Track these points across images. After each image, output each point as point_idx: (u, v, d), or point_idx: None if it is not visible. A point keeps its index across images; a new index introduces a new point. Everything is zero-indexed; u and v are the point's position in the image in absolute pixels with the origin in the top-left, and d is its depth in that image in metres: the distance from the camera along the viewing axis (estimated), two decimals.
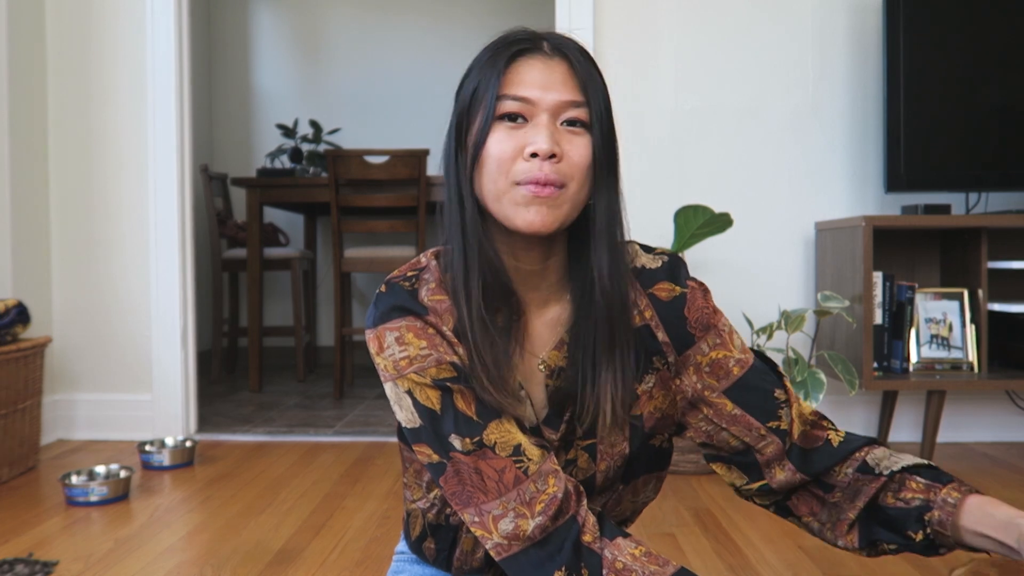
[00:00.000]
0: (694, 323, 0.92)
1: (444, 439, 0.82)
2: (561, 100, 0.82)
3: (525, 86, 0.82)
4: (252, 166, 4.67)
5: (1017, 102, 2.48)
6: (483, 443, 0.81)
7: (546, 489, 0.80)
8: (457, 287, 0.85)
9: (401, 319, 0.84)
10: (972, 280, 2.44)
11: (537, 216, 0.81)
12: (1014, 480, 2.22)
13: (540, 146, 0.80)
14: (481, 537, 0.81)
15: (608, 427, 0.89)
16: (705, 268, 2.65)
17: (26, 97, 2.64)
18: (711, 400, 0.91)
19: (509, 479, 0.79)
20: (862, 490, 0.88)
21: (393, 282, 0.87)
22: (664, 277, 0.93)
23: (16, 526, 1.88)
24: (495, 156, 0.82)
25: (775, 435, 0.90)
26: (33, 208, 2.67)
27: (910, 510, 0.86)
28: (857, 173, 2.69)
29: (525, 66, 0.83)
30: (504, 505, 0.79)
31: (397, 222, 3.43)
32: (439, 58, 4.68)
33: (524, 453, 0.81)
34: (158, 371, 2.75)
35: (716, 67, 2.69)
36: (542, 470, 0.80)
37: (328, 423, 2.96)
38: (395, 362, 0.83)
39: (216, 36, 4.80)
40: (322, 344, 4.67)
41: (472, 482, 0.80)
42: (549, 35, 0.87)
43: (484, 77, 0.84)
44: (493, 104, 0.82)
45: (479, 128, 0.83)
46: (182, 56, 2.77)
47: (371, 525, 1.87)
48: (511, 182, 0.82)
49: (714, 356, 0.91)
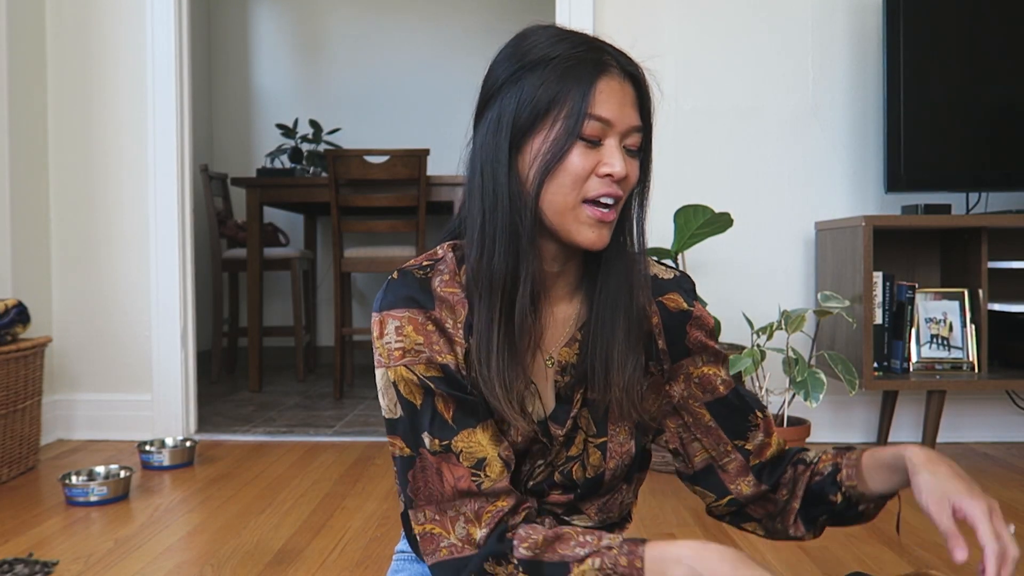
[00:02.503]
0: (693, 340, 0.97)
1: (418, 435, 0.85)
2: (630, 126, 0.85)
3: (607, 108, 0.83)
4: (252, 166, 4.67)
5: (1017, 102, 2.48)
6: (450, 448, 0.84)
7: (495, 502, 0.83)
8: (491, 287, 0.85)
9: (406, 309, 0.86)
10: (972, 280, 2.44)
11: (600, 237, 0.85)
12: (1014, 480, 2.22)
13: (617, 170, 0.83)
14: (432, 535, 0.83)
15: (618, 423, 0.93)
16: (705, 268, 2.65)
17: (26, 97, 2.64)
18: (693, 409, 0.97)
19: (463, 487, 0.83)
20: (799, 480, 0.97)
21: (406, 270, 0.88)
22: (674, 289, 0.98)
23: (16, 526, 1.88)
24: (573, 172, 0.83)
25: (739, 453, 0.97)
26: (33, 208, 2.67)
27: (826, 477, 0.94)
28: (857, 173, 2.69)
29: (607, 86, 0.83)
30: (457, 509, 0.83)
31: (397, 222, 3.43)
32: (439, 58, 4.68)
33: (484, 469, 0.84)
34: (158, 371, 2.75)
35: (716, 67, 2.69)
36: (495, 488, 0.83)
37: (328, 423, 2.96)
38: (390, 351, 0.85)
39: (216, 36, 4.80)
40: (322, 344, 4.67)
41: (434, 482, 0.84)
42: (616, 52, 0.87)
43: (566, 88, 0.83)
44: (582, 122, 0.82)
45: (558, 140, 0.83)
46: (182, 56, 2.77)
47: (371, 525, 1.87)
48: (580, 198, 0.84)
49: (706, 371, 0.97)
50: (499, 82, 0.86)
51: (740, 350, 2.37)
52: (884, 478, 0.91)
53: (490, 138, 0.86)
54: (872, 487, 0.91)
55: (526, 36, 0.88)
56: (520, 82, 0.84)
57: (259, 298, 3.66)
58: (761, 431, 0.98)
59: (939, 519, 0.78)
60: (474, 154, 0.88)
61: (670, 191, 2.65)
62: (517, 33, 0.90)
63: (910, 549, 1.72)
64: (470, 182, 0.88)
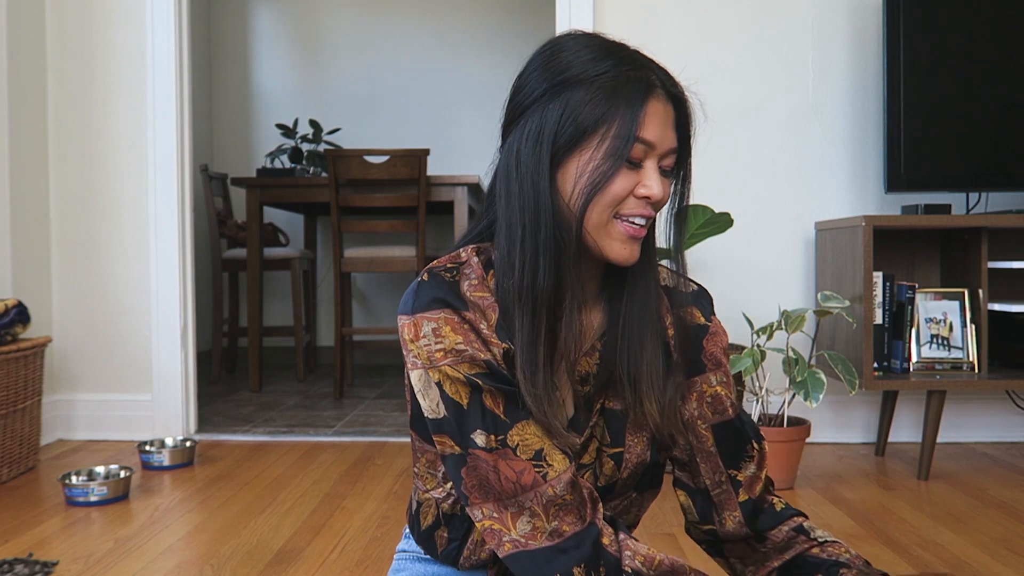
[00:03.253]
0: (709, 355, 0.97)
1: (467, 434, 0.83)
2: (669, 148, 0.86)
3: (653, 131, 0.83)
4: (252, 166, 4.67)
5: (1017, 102, 2.48)
6: (506, 443, 0.83)
7: (564, 495, 0.82)
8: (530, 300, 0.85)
9: (440, 311, 0.85)
10: (972, 280, 2.43)
11: (631, 253, 0.87)
12: (1014, 480, 2.22)
13: (655, 193, 0.84)
14: (493, 531, 0.83)
15: (636, 433, 0.93)
16: (705, 268, 2.65)
17: (26, 97, 2.64)
18: (699, 430, 0.96)
19: (527, 481, 0.82)
20: (793, 546, 0.95)
21: (436, 271, 0.87)
22: (692, 303, 0.98)
23: (16, 526, 1.88)
24: (615, 194, 0.84)
25: (730, 484, 0.96)
26: (33, 208, 2.67)
27: (830, 561, 0.92)
28: (857, 173, 2.69)
29: (653, 109, 0.83)
30: (520, 504, 0.82)
31: (397, 222, 3.43)
32: (439, 58, 4.67)
33: (545, 459, 0.83)
34: (158, 371, 2.75)
35: (716, 67, 2.69)
36: (561, 478, 0.82)
37: (328, 423, 2.96)
38: (430, 352, 0.84)
39: (216, 36, 4.80)
40: (322, 344, 4.67)
41: (490, 479, 0.82)
42: (660, 70, 0.86)
43: (615, 108, 0.82)
44: (631, 145, 0.82)
45: (606, 162, 0.82)
46: (182, 56, 2.77)
47: (371, 525, 1.87)
48: (613, 214, 0.85)
49: (719, 391, 0.96)
50: (536, 93, 0.85)
51: (740, 350, 2.37)
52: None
53: (530, 150, 0.84)
54: None
55: (564, 47, 0.86)
56: (563, 95, 0.83)
57: (259, 298, 3.66)
58: (755, 463, 0.98)
59: None
60: (508, 163, 0.87)
61: None
62: (550, 42, 0.88)
63: (910, 549, 1.72)
64: (506, 192, 0.87)
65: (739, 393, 2.43)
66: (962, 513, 1.94)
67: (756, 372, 2.21)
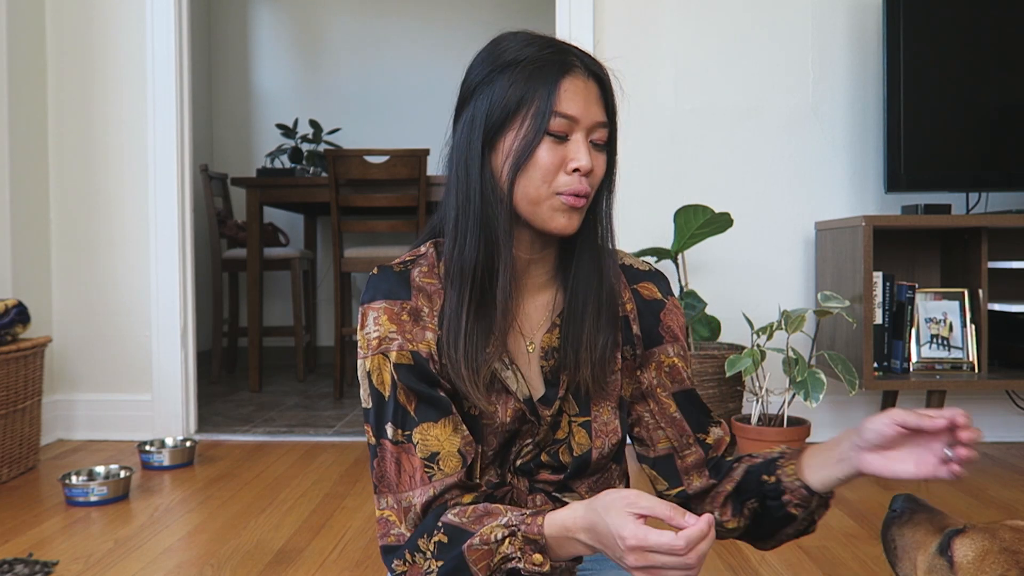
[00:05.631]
0: (666, 328, 1.02)
1: (381, 425, 0.90)
2: (596, 122, 0.90)
3: (572, 105, 0.88)
4: (252, 166, 4.67)
5: (1017, 102, 2.48)
6: (410, 438, 0.89)
7: (444, 496, 0.88)
8: (461, 275, 0.90)
9: (384, 301, 0.92)
10: (972, 280, 2.44)
11: (570, 222, 0.91)
12: (1014, 480, 2.22)
13: (583, 163, 0.88)
14: (388, 522, 0.88)
15: (600, 402, 0.98)
16: (705, 268, 2.65)
17: (26, 97, 2.64)
18: (660, 398, 1.01)
19: (417, 480, 0.88)
20: (741, 466, 1.00)
21: (385, 266, 0.95)
22: (648, 279, 1.04)
23: (16, 526, 1.88)
24: (543, 167, 0.88)
25: (699, 446, 1.01)
26: (33, 208, 2.67)
27: (766, 460, 0.97)
28: (857, 173, 2.69)
29: (571, 85, 0.89)
30: (410, 500, 0.88)
31: (397, 222, 3.43)
32: (439, 58, 4.68)
33: (437, 463, 0.88)
34: (158, 371, 2.75)
35: (716, 67, 2.69)
36: (447, 483, 0.88)
37: (328, 423, 2.96)
38: (368, 340, 0.91)
39: (216, 36, 4.79)
40: (322, 344, 4.67)
41: (392, 471, 0.89)
42: (581, 54, 0.92)
43: (533, 88, 0.88)
44: (548, 120, 0.87)
45: (527, 137, 0.88)
46: (182, 56, 2.77)
47: (371, 525, 1.87)
48: (552, 191, 0.89)
49: (676, 362, 1.02)
50: (473, 84, 0.92)
51: (740, 350, 2.37)
52: (822, 461, 0.92)
53: (464, 137, 0.92)
54: (809, 476, 0.92)
55: (499, 41, 0.93)
56: (492, 84, 0.90)
57: (259, 298, 3.66)
58: (720, 428, 1.03)
59: (888, 428, 0.87)
60: (450, 153, 0.94)
61: (670, 191, 2.65)
62: (492, 39, 0.95)
63: None
64: (447, 179, 0.94)
65: (739, 393, 2.43)
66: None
67: (756, 372, 2.21)
